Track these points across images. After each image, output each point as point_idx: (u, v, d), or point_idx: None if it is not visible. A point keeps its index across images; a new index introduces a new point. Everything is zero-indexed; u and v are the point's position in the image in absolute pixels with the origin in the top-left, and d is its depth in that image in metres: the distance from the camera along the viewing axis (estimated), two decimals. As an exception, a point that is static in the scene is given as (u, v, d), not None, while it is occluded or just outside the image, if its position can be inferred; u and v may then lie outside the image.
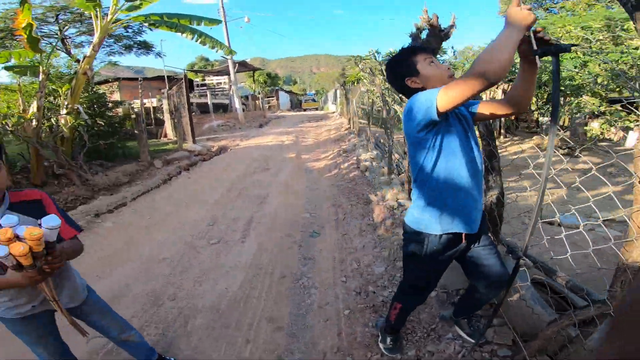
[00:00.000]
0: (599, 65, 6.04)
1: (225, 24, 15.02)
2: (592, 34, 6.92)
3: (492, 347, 1.61)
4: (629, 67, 5.47)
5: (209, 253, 3.27)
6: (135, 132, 7.84)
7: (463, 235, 1.47)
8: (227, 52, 7.10)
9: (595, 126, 10.47)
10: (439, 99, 1.20)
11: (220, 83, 18.20)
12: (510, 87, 1.27)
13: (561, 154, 8.45)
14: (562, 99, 10.67)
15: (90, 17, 5.23)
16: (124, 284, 2.76)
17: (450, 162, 1.38)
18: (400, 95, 3.18)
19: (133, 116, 7.76)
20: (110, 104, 8.02)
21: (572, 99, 6.96)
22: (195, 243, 3.54)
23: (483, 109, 1.49)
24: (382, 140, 8.10)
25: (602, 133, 10.18)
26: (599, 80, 6.06)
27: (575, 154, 1.95)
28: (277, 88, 31.91)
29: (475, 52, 11.95)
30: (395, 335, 1.84)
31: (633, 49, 5.46)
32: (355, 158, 6.91)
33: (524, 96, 1.36)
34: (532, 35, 1.18)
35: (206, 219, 4.26)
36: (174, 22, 5.88)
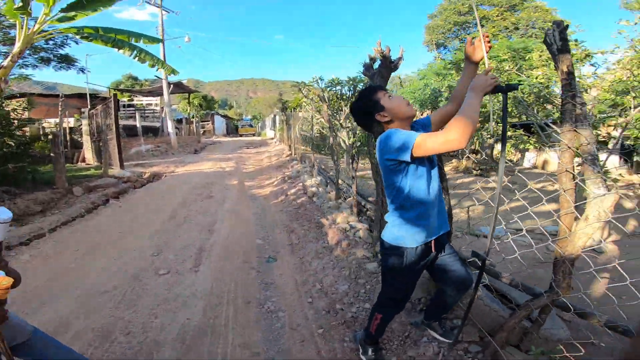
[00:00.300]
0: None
1: (163, 43, 14.44)
2: (501, 62, 8.38)
3: (463, 345, 1.80)
4: (527, 95, 6.67)
5: (160, 284, 3.00)
6: (51, 154, 6.91)
7: (432, 243, 1.67)
8: (169, 72, 6.83)
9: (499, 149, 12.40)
10: (416, 148, 1.42)
11: (151, 104, 17.07)
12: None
13: (475, 174, 9.73)
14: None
15: (10, 26, 4.65)
16: (61, 321, 2.37)
17: (420, 184, 1.60)
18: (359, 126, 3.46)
19: (50, 136, 6.86)
20: (16, 122, 6.97)
21: (483, 124, 8.20)
22: (140, 274, 3.20)
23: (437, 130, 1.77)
24: (323, 167, 8.42)
25: (513, 156, 12.06)
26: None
27: (489, 175, 2.35)
28: (212, 112, 31.04)
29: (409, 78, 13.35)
30: (376, 346, 1.93)
31: (534, 78, 6.70)
32: (301, 184, 7.05)
33: None
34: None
35: (149, 249, 3.90)
36: (111, 37, 5.53)
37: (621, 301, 2.35)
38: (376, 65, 3.37)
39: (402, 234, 1.65)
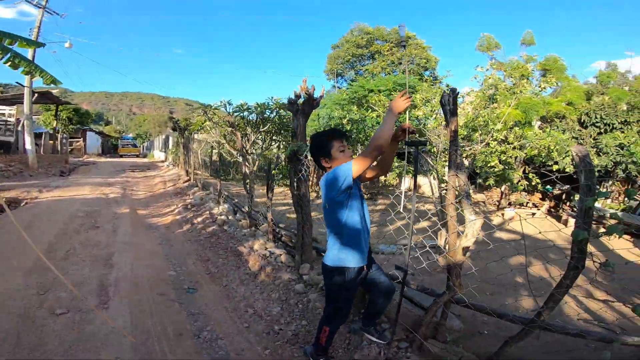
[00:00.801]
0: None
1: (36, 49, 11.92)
2: (389, 94, 10.02)
3: (395, 343, 2.22)
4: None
5: (62, 324, 2.57)
6: None
7: (365, 266, 2.09)
8: (49, 81, 5.87)
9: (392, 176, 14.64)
10: (354, 169, 1.85)
11: (4, 114, 13.52)
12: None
13: (365, 199, 11.01)
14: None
15: None
16: None
17: (355, 215, 2.03)
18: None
19: None
20: None
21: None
22: (32, 314, 2.67)
23: (366, 172, 2.24)
24: (226, 194, 8.31)
25: (386, 181, 14.15)
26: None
27: (376, 198, 3.04)
28: (85, 127, 26.42)
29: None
30: (327, 356, 2.18)
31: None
32: (207, 212, 6.83)
33: (389, 161, 2.20)
34: (407, 130, 2.03)
35: (30, 288, 3.24)
36: (-26, 36, 4.55)
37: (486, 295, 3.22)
38: (300, 101, 3.83)
39: (343, 256, 2.02)
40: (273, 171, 5.42)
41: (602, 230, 1.94)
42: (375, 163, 2.08)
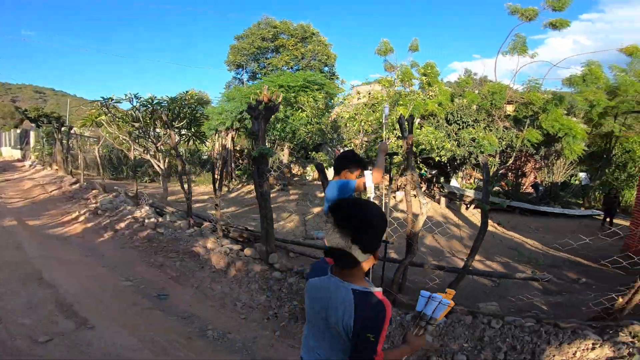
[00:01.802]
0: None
1: None
2: (298, 91, 10.67)
3: None
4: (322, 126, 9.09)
5: (59, 351, 2.38)
6: None
7: None
8: None
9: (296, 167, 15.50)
10: (357, 187, 2.51)
11: None
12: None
13: (278, 189, 11.80)
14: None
15: None
16: None
17: None
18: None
19: None
20: None
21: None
22: (10, 346, 2.36)
23: None
24: (131, 194, 7.63)
25: (297, 172, 15.01)
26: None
27: (288, 189, 3.80)
28: None
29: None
30: None
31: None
32: (130, 216, 6.26)
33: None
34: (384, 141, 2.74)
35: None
36: None
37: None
38: (261, 106, 4.12)
39: None
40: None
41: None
42: None
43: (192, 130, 9.78)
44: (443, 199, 11.68)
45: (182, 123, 8.67)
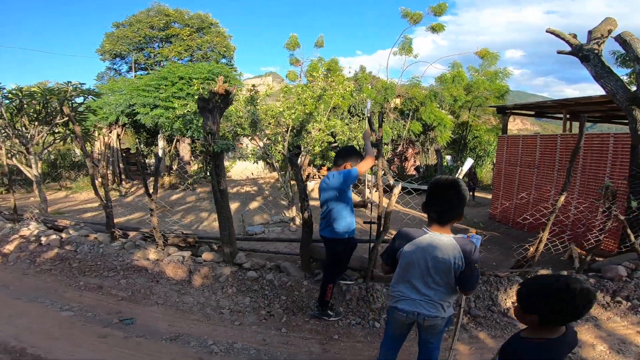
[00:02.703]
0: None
1: None
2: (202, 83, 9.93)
3: (358, 279, 3.21)
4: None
5: None
6: None
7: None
8: None
9: (194, 167, 14.49)
10: (360, 173, 2.75)
11: None
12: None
13: (183, 189, 11.19)
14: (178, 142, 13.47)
15: None
16: None
17: (350, 201, 2.89)
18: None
19: None
20: None
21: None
22: None
23: None
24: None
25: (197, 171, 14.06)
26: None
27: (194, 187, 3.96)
28: None
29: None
30: (331, 306, 2.93)
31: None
32: (16, 236, 4.83)
33: None
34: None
35: None
36: None
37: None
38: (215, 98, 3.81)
39: (340, 230, 2.85)
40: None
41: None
42: None
43: (71, 127, 8.02)
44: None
45: (63, 119, 7.00)
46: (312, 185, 13.08)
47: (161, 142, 13.77)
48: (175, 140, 14.00)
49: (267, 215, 8.30)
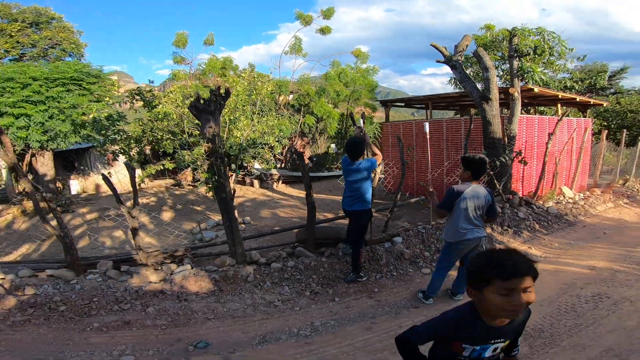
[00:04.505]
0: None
1: None
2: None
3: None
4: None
5: None
6: None
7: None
8: None
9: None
10: (378, 163, 3.67)
11: None
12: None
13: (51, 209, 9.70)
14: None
15: None
16: None
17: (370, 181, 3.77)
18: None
19: None
20: None
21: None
22: None
23: None
24: None
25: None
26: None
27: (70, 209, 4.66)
28: None
29: None
30: (361, 268, 3.79)
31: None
32: None
33: None
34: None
35: None
36: None
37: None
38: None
39: (367, 203, 3.72)
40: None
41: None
42: None
43: None
44: (256, 182, 13.29)
45: None
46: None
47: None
48: (30, 155, 11.13)
49: (194, 224, 7.94)
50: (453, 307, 1.28)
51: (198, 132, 7.59)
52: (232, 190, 4.21)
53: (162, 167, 6.91)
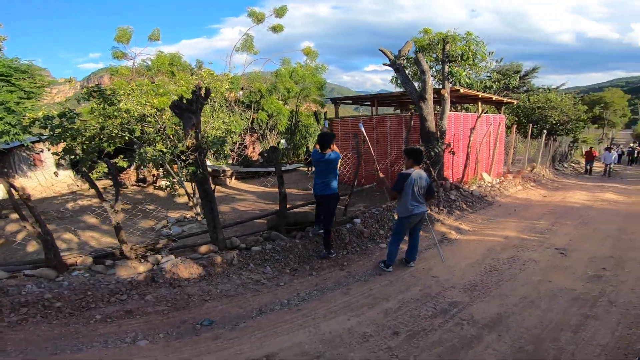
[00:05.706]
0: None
1: None
2: None
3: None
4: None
5: None
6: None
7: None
8: None
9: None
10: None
11: None
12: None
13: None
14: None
15: None
16: None
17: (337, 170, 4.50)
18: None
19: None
20: None
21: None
22: None
23: None
24: None
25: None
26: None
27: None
28: None
29: None
30: (331, 247, 4.47)
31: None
32: None
33: None
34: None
35: None
36: None
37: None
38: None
39: (335, 187, 4.42)
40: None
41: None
42: None
43: None
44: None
45: None
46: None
47: None
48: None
49: (150, 222, 7.91)
50: (407, 272, 2.02)
51: (152, 129, 7.63)
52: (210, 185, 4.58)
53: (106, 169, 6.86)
